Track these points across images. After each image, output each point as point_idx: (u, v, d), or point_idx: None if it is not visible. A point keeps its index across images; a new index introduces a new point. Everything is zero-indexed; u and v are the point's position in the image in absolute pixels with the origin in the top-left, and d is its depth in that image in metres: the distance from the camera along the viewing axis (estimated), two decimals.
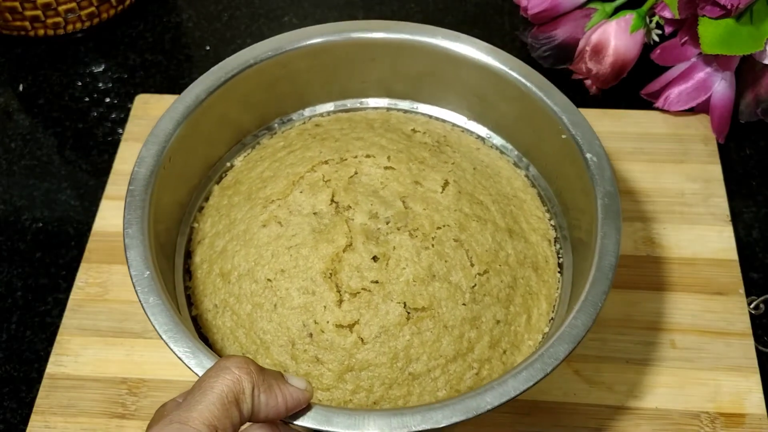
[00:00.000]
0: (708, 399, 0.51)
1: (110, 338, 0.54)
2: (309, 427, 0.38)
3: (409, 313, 0.44)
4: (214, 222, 0.50)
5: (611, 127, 0.64)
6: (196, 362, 0.39)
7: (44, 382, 0.52)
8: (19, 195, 0.63)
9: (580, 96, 0.67)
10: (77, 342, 0.54)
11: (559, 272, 0.49)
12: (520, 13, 0.68)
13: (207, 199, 0.52)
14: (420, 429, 0.37)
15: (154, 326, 0.40)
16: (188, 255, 0.50)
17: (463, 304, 0.45)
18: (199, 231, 0.50)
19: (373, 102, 0.57)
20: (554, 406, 0.50)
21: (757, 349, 0.53)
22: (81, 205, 0.62)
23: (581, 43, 0.65)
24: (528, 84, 0.50)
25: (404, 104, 0.56)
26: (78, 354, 0.53)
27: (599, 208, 0.44)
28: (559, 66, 0.67)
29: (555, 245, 0.50)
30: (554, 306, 0.47)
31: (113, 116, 0.68)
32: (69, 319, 0.55)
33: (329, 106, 0.56)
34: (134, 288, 0.41)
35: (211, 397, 0.34)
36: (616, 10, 0.65)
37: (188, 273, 0.49)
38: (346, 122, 0.54)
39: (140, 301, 0.41)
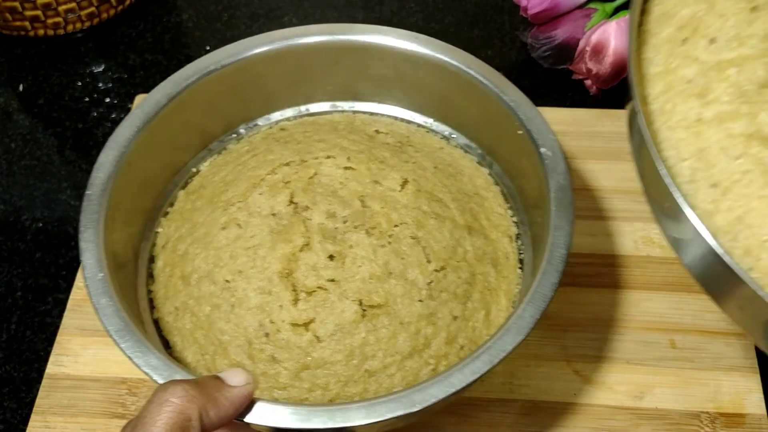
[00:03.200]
0: (708, 399, 0.51)
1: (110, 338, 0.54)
2: (249, 422, 0.38)
3: (364, 310, 0.44)
4: (178, 226, 0.50)
5: (611, 127, 0.64)
6: (144, 362, 0.40)
7: (44, 382, 0.52)
8: (19, 195, 0.63)
9: (580, 96, 0.67)
10: (77, 342, 0.54)
11: (520, 268, 0.49)
12: (520, 13, 0.68)
13: (172, 204, 0.52)
14: (365, 423, 0.37)
15: (104, 327, 0.41)
16: (152, 260, 0.50)
17: (420, 301, 0.45)
18: (163, 236, 0.51)
19: (339, 105, 0.57)
20: (554, 407, 0.50)
21: (757, 349, 0.53)
22: (81, 205, 0.62)
23: (581, 43, 0.65)
24: (485, 81, 0.50)
25: (371, 106, 0.57)
26: (78, 354, 0.53)
27: (552, 201, 0.45)
28: (559, 66, 0.67)
29: (517, 241, 0.50)
30: (514, 301, 0.47)
31: (113, 116, 0.68)
32: (69, 319, 0.55)
33: (295, 111, 0.57)
34: (87, 290, 0.42)
35: None
36: (616, 10, 0.65)
37: (152, 277, 0.50)
38: (310, 125, 0.55)
39: (92, 302, 0.42)
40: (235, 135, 0.56)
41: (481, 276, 0.47)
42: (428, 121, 0.56)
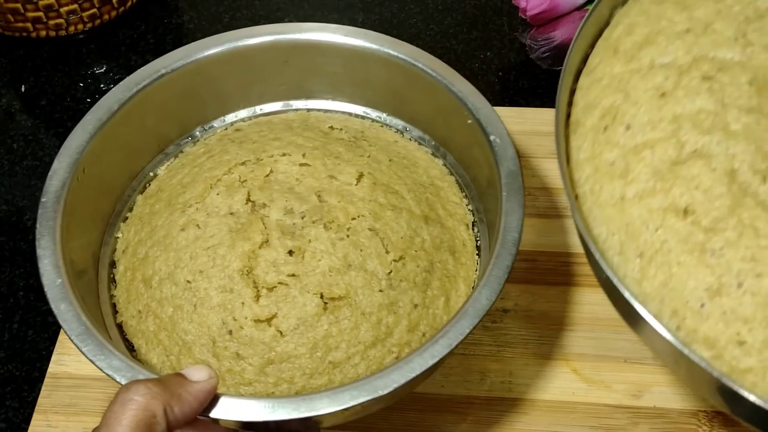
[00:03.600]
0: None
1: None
2: (216, 417, 0.39)
3: (326, 303, 0.45)
4: (137, 230, 0.51)
5: None
6: (106, 364, 0.40)
7: (46, 381, 0.52)
8: (21, 195, 0.64)
9: None
10: None
11: (477, 254, 0.50)
12: (519, 15, 0.69)
13: (131, 209, 0.53)
14: (330, 411, 0.38)
15: (65, 332, 0.42)
16: (114, 265, 0.51)
17: (380, 291, 0.45)
18: (123, 241, 0.51)
19: (293, 104, 0.58)
20: (553, 405, 0.51)
21: None
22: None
23: None
24: (433, 74, 0.51)
25: (324, 104, 0.58)
26: (80, 353, 0.53)
27: (503, 187, 0.46)
28: (557, 67, 0.68)
29: (473, 229, 0.51)
30: (473, 287, 0.48)
31: None
32: None
33: (250, 111, 0.57)
34: (47, 296, 0.42)
35: None
36: None
37: (114, 282, 0.50)
38: (265, 125, 0.55)
39: (52, 308, 0.42)
40: (190, 138, 0.56)
41: (439, 264, 0.48)
42: (382, 116, 0.57)
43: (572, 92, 0.42)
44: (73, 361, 0.53)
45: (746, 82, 0.36)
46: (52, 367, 0.53)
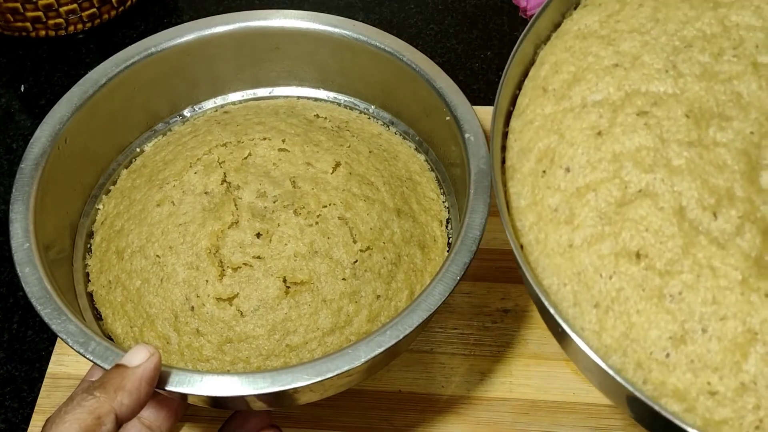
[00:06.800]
0: None
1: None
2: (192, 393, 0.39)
3: (288, 287, 0.46)
4: (117, 203, 0.52)
5: None
6: (62, 328, 0.41)
7: (46, 381, 0.53)
8: None
9: None
10: None
11: (448, 251, 0.50)
12: (519, 14, 0.69)
13: (115, 182, 0.54)
14: (269, 391, 0.38)
15: (27, 295, 0.42)
16: (92, 235, 0.52)
17: (343, 279, 0.46)
18: (103, 212, 0.52)
19: (284, 90, 0.58)
20: (553, 405, 0.51)
21: None
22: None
23: None
24: (417, 68, 0.51)
25: (314, 92, 0.58)
26: (78, 353, 0.53)
27: (471, 185, 0.46)
28: None
29: (447, 226, 0.51)
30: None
31: None
32: None
33: (241, 95, 0.58)
34: (13, 259, 0.43)
35: None
36: None
37: (90, 252, 0.51)
38: (253, 109, 0.56)
39: (17, 271, 0.43)
40: (180, 117, 0.57)
41: (407, 257, 0.48)
42: (370, 108, 0.57)
43: (504, 135, 0.41)
44: (73, 361, 0.53)
45: (683, 114, 0.35)
46: (52, 368, 0.53)
